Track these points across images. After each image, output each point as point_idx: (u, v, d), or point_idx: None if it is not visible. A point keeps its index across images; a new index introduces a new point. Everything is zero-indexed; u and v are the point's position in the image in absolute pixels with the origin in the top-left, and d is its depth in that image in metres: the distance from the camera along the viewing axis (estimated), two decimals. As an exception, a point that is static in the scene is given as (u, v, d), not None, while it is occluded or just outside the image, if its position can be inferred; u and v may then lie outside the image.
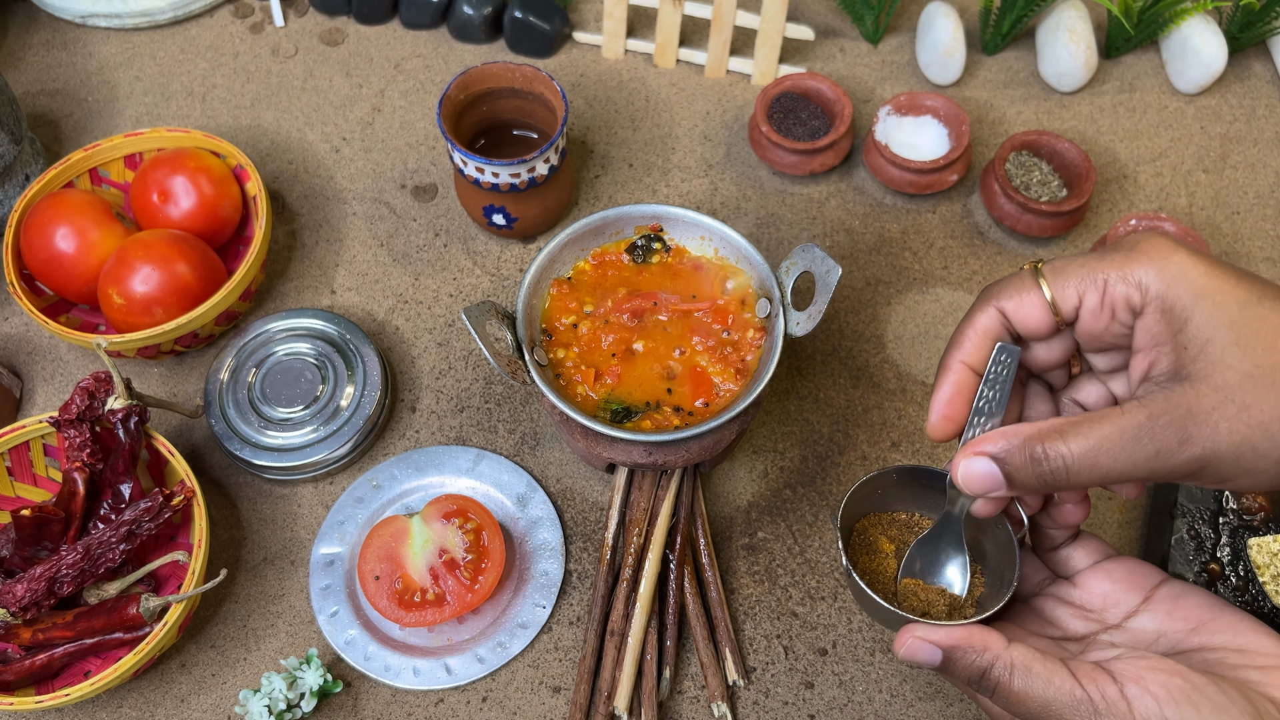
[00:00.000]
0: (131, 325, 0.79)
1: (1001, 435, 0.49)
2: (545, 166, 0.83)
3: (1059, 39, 0.96)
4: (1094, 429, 0.46)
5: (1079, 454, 0.46)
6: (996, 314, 0.51)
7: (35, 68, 1.03)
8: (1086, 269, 0.48)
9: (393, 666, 0.72)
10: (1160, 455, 0.45)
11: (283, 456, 0.77)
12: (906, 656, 0.51)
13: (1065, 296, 0.49)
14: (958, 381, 0.52)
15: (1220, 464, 0.45)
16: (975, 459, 0.49)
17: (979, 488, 0.49)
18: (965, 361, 0.52)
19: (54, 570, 0.67)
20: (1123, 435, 0.45)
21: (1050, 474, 0.47)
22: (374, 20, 1.05)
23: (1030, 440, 0.47)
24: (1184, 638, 0.50)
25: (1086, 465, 0.46)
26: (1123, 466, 0.46)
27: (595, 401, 0.71)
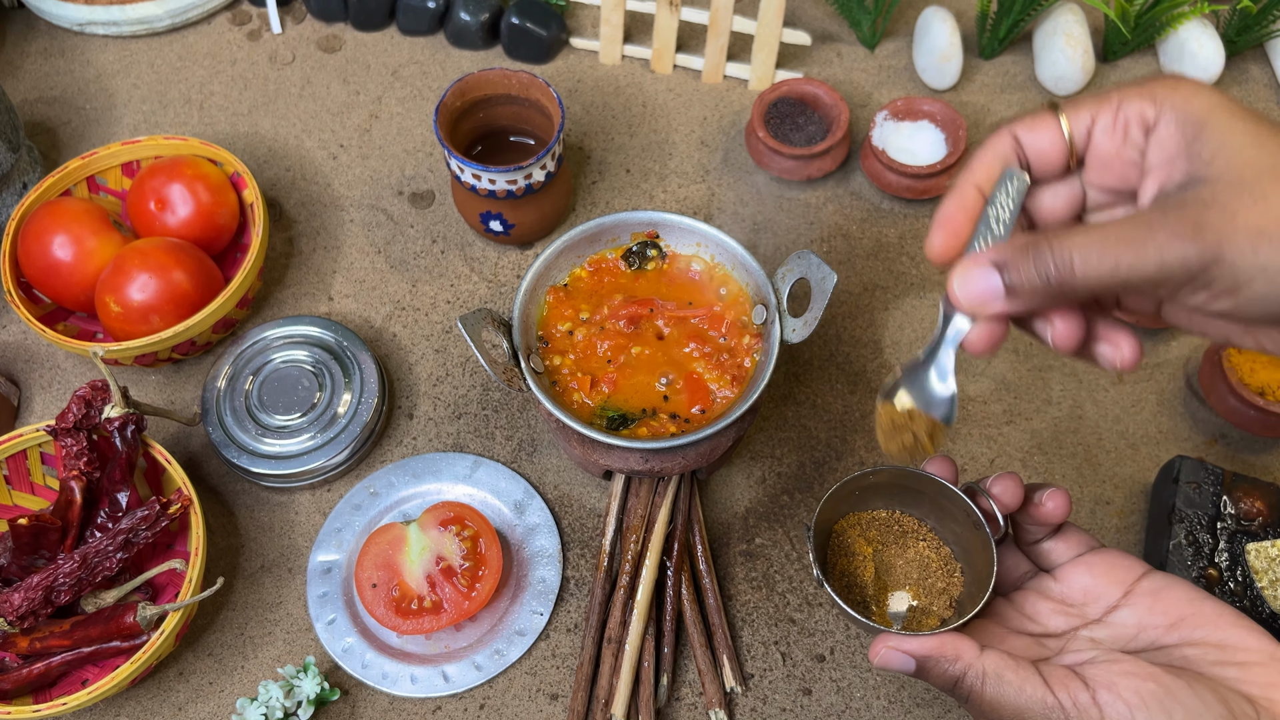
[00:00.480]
0: (129, 333, 0.79)
1: (999, 245, 0.47)
2: (542, 173, 0.83)
3: (1056, 43, 0.96)
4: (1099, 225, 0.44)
5: (1084, 244, 0.44)
6: (1010, 139, 0.49)
7: (33, 76, 1.03)
8: (1100, 96, 0.48)
9: (390, 674, 0.72)
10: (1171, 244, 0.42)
11: (280, 464, 0.77)
12: (881, 665, 0.51)
13: (1079, 120, 0.48)
14: (962, 200, 0.50)
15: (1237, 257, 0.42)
16: (974, 267, 0.47)
17: (975, 298, 0.47)
18: (974, 183, 0.50)
19: (51, 579, 0.68)
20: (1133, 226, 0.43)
21: (1054, 271, 0.44)
22: (371, 27, 1.05)
23: (1034, 240, 0.45)
24: (1164, 633, 0.50)
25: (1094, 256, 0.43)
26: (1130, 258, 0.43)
27: (591, 409, 0.71)
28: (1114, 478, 0.79)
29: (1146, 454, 0.80)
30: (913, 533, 0.59)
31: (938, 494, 0.56)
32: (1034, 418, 0.82)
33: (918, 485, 0.57)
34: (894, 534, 0.59)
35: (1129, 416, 0.82)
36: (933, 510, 0.58)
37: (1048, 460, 0.80)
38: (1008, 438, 0.81)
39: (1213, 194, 0.43)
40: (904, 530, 0.59)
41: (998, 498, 0.53)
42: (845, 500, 0.59)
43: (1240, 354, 0.78)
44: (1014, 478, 0.53)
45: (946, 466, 0.56)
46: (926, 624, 0.56)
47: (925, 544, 0.58)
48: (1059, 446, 0.80)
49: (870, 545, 0.59)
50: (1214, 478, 0.73)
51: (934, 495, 0.57)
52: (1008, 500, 0.53)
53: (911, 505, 0.59)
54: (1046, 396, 0.82)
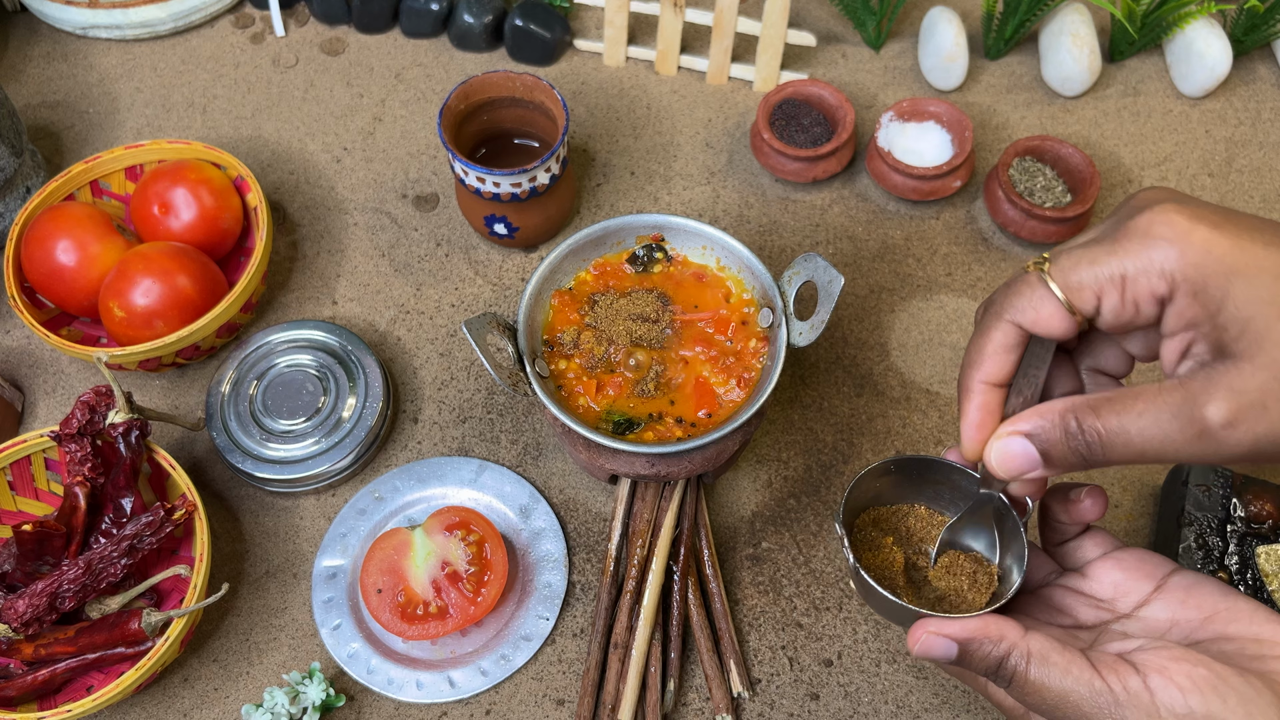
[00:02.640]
0: (132, 338, 0.79)
1: (1035, 413, 0.47)
2: (546, 176, 0.82)
3: (1062, 43, 0.95)
4: (1130, 404, 0.44)
5: (1114, 429, 0.44)
6: (1012, 328, 0.49)
7: (36, 80, 1.03)
8: (1099, 265, 0.45)
9: (396, 680, 0.72)
10: (1206, 435, 0.42)
11: (284, 469, 0.77)
12: (921, 652, 0.50)
13: (1083, 300, 0.46)
14: (984, 403, 0.50)
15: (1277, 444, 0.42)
16: (1010, 439, 0.47)
17: (1015, 469, 0.48)
18: (986, 381, 0.50)
19: (56, 585, 0.67)
20: (1159, 413, 0.43)
21: (1086, 449, 0.45)
22: (375, 29, 1.04)
23: (1065, 414, 0.46)
24: (1198, 627, 0.49)
25: (1121, 442, 0.44)
26: (1158, 446, 0.44)
27: (597, 413, 0.71)
28: (1122, 480, 0.79)
29: (1155, 456, 0.80)
30: (936, 525, 0.59)
31: (960, 482, 0.56)
32: (1042, 420, 0.81)
33: (937, 475, 0.57)
34: (913, 523, 0.59)
35: (1137, 419, 0.81)
36: (954, 500, 0.58)
37: (1056, 463, 0.79)
38: (1015, 440, 0.80)
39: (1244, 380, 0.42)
40: (927, 524, 0.59)
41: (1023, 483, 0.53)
42: (865, 495, 0.58)
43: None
44: None
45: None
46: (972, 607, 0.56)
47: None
48: (1067, 449, 0.80)
49: (892, 536, 0.59)
50: (1223, 480, 0.73)
51: (955, 483, 0.57)
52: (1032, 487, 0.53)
53: (932, 498, 0.59)
54: (1054, 399, 0.82)
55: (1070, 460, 0.46)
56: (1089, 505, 0.52)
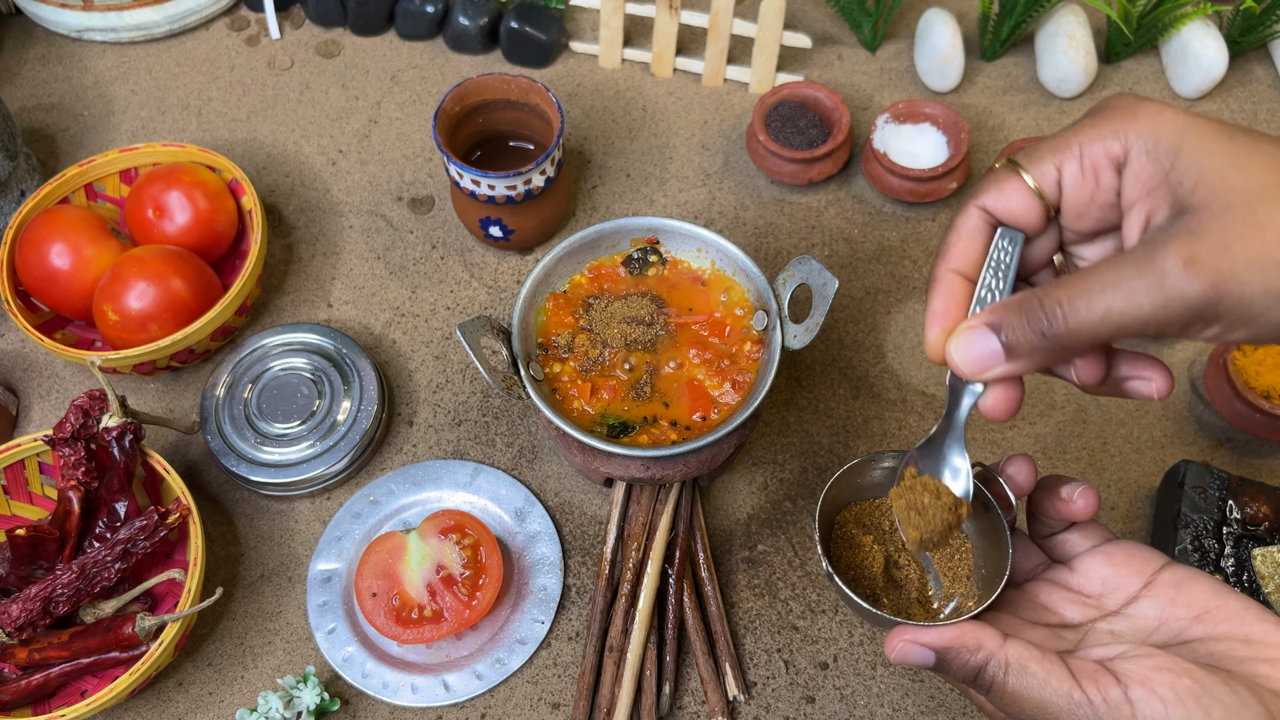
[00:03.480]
0: (127, 341, 0.79)
1: (997, 305, 0.45)
2: (542, 178, 0.82)
3: (1058, 44, 0.95)
4: (1088, 273, 0.42)
5: (1074, 294, 0.42)
6: (979, 213, 0.48)
7: (31, 83, 1.03)
8: (1059, 142, 0.45)
9: (391, 684, 0.71)
10: (1167, 286, 0.40)
11: (279, 472, 0.77)
12: (899, 660, 0.49)
13: (1044, 175, 0.46)
14: (949, 291, 0.48)
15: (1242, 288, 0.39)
16: (970, 331, 0.45)
17: (976, 363, 0.45)
18: (954, 269, 0.49)
19: (49, 590, 0.67)
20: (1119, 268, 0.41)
21: (1049, 328, 0.43)
22: (370, 32, 1.04)
23: (1027, 299, 0.44)
24: (1187, 626, 0.48)
25: (1084, 305, 0.42)
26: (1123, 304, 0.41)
27: (592, 416, 0.71)
28: (1119, 482, 0.79)
29: (1151, 458, 0.80)
30: None
31: None
32: (1038, 422, 0.81)
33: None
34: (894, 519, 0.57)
35: (1133, 420, 0.81)
36: None
37: (1052, 464, 0.79)
38: (1011, 442, 0.80)
39: (1201, 225, 0.40)
40: None
41: (1011, 478, 0.52)
42: (846, 491, 0.57)
43: (1245, 357, 0.77)
44: (1028, 460, 0.52)
45: None
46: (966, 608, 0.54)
47: None
48: (1063, 451, 0.80)
49: (872, 534, 0.57)
50: (1219, 482, 0.73)
51: None
52: (1021, 481, 0.52)
53: None
54: (1050, 400, 0.82)
55: (1035, 343, 0.44)
56: (1082, 506, 0.51)
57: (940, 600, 0.56)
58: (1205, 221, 0.40)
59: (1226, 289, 0.40)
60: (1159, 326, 0.41)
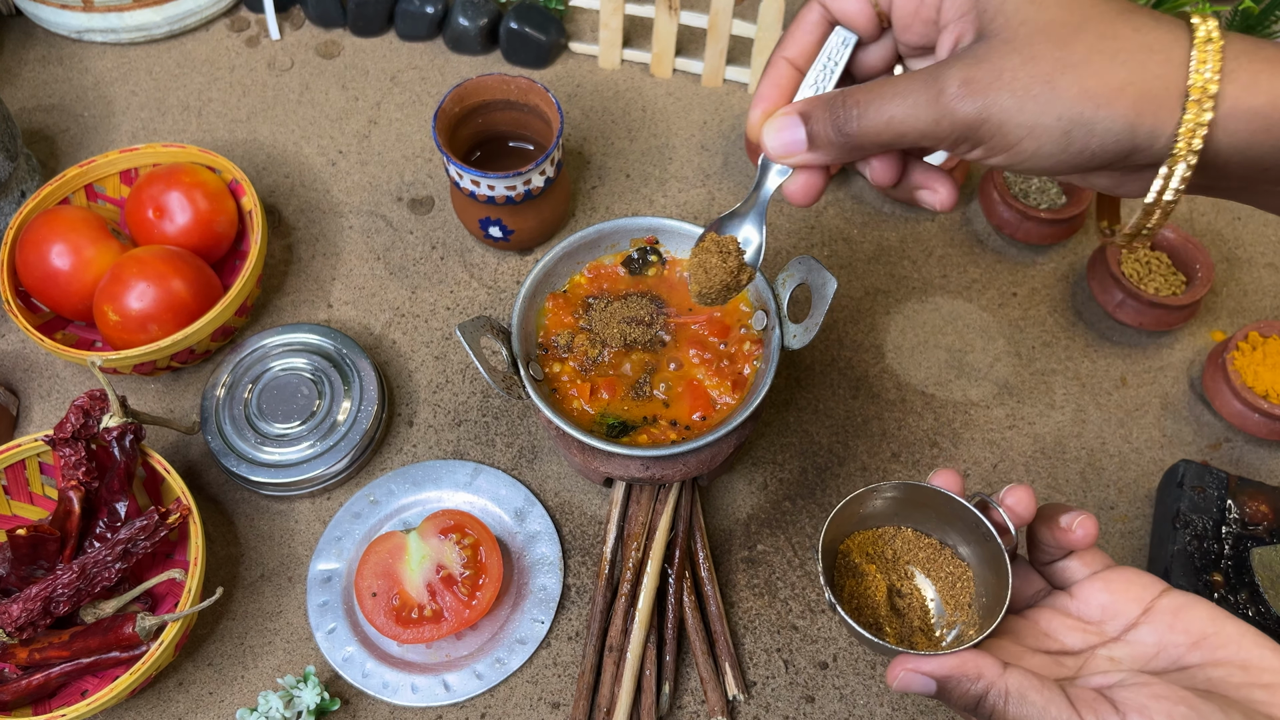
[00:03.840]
0: (127, 342, 0.79)
1: (811, 98, 0.49)
2: (541, 179, 0.82)
3: (1057, 45, 0.95)
4: (888, 82, 0.46)
5: (867, 97, 0.46)
6: (820, 10, 0.51)
7: (31, 84, 1.03)
8: None
9: (391, 683, 0.71)
10: (941, 99, 0.44)
11: (279, 472, 0.77)
12: (900, 688, 0.50)
13: None
14: (776, 78, 0.52)
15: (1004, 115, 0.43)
16: (781, 116, 0.49)
17: (783, 148, 0.49)
18: (787, 57, 0.52)
19: (50, 590, 0.67)
20: (910, 80, 0.45)
21: (843, 120, 0.47)
22: (370, 32, 1.04)
23: (835, 96, 0.48)
24: (1185, 652, 0.48)
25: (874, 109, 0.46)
26: (905, 111, 0.45)
27: (592, 416, 0.71)
28: (1118, 482, 0.79)
29: (1150, 458, 0.80)
30: (923, 548, 0.58)
31: (944, 507, 0.55)
32: (1037, 422, 0.81)
33: (923, 499, 0.56)
34: (903, 551, 0.58)
35: (1132, 420, 0.81)
36: (940, 524, 0.57)
37: (1051, 465, 0.79)
38: (1010, 442, 0.80)
39: (986, 52, 0.43)
40: (913, 546, 0.58)
41: (1010, 509, 0.52)
42: (849, 520, 0.58)
43: (1244, 357, 0.77)
44: (1027, 489, 0.53)
45: (952, 479, 0.55)
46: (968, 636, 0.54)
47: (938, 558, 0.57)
48: (1062, 451, 0.80)
49: (875, 563, 0.58)
50: (1218, 482, 0.73)
51: (940, 508, 0.56)
52: (1021, 511, 0.53)
53: (919, 521, 0.58)
54: (1049, 401, 0.82)
55: (832, 138, 0.48)
56: (1080, 536, 0.52)
57: (943, 628, 0.56)
58: (991, 49, 0.43)
59: (989, 114, 0.43)
60: (933, 139, 0.45)
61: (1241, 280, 0.88)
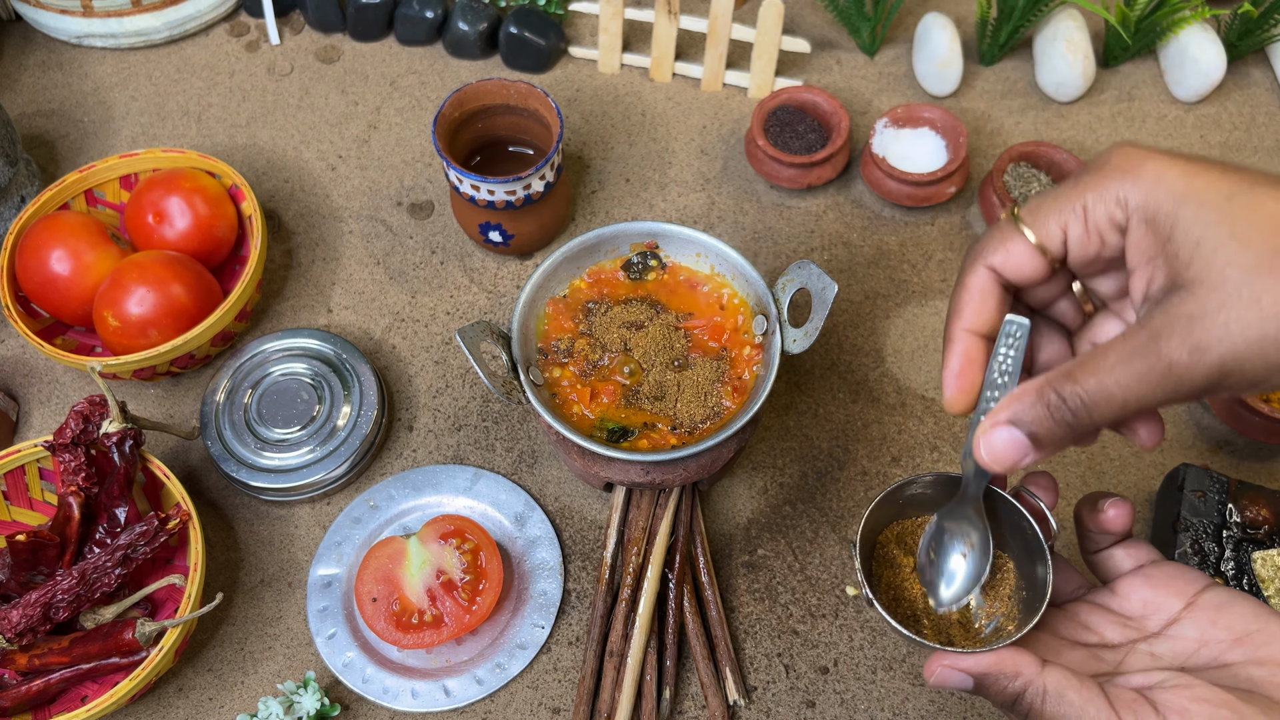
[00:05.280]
0: (127, 347, 0.79)
1: (1011, 399, 0.47)
2: (541, 183, 0.82)
3: (1056, 49, 0.96)
4: (1100, 361, 0.44)
5: (1093, 389, 0.44)
6: (986, 272, 0.49)
7: (31, 89, 1.03)
8: (1063, 199, 0.46)
9: (391, 689, 0.71)
10: (1174, 371, 0.42)
11: (279, 478, 0.77)
12: (937, 683, 0.49)
13: (1049, 234, 0.47)
14: (965, 351, 0.50)
15: (1244, 365, 0.41)
16: (994, 430, 0.47)
17: (1009, 458, 0.47)
18: (968, 329, 0.50)
19: (50, 595, 0.67)
20: (1130, 361, 0.43)
21: (1072, 418, 0.45)
22: (369, 37, 1.04)
23: (1042, 390, 0.45)
24: (1227, 649, 0.48)
25: (1103, 399, 0.43)
26: (1139, 392, 0.43)
27: (592, 421, 0.71)
28: (1118, 486, 0.79)
29: (1151, 462, 0.80)
30: None
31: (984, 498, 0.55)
32: (1037, 426, 0.81)
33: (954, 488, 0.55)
34: None
35: (1133, 424, 0.81)
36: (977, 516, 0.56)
37: (1051, 468, 0.79)
38: (1011, 446, 0.80)
39: (1201, 307, 0.41)
40: None
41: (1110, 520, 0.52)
42: (887, 511, 0.57)
43: (1244, 361, 0.77)
44: (1048, 477, 0.53)
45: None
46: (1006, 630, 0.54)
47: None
48: (1062, 455, 0.80)
49: (912, 555, 0.57)
50: (1219, 485, 0.73)
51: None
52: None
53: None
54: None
55: (1060, 434, 0.45)
56: (1113, 515, 0.51)
57: (981, 620, 0.55)
58: (1203, 301, 0.41)
59: (1229, 367, 0.41)
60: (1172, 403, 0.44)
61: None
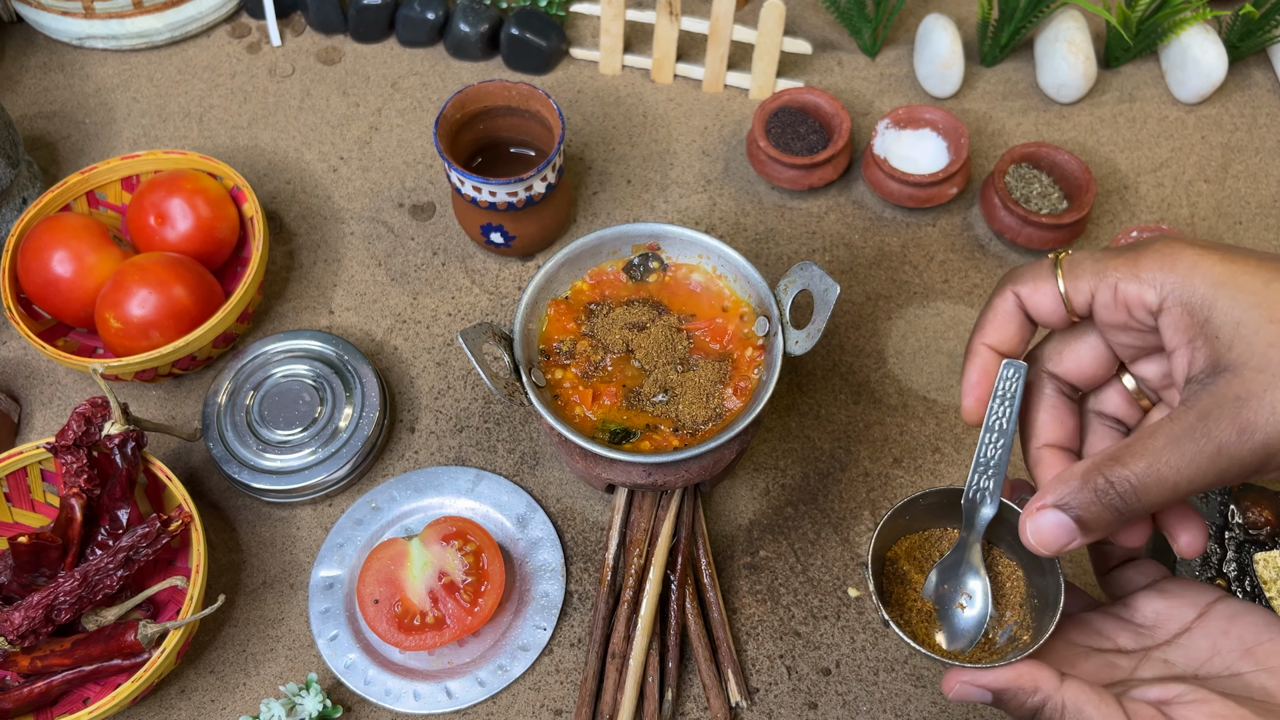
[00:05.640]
0: (129, 349, 0.79)
1: (1058, 482, 0.47)
2: (543, 184, 0.82)
3: (1058, 50, 0.96)
4: (1148, 443, 0.44)
5: (1142, 473, 0.44)
6: (1013, 298, 0.51)
7: (32, 90, 1.03)
8: (1099, 265, 0.48)
9: (393, 690, 0.71)
10: (1223, 453, 0.43)
11: (281, 479, 0.77)
12: (957, 698, 0.50)
13: (1078, 290, 0.49)
14: (983, 364, 0.52)
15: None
16: (1040, 514, 0.47)
17: (1056, 543, 0.47)
18: (987, 344, 0.52)
19: (52, 597, 0.67)
20: (1179, 444, 0.43)
21: (1121, 503, 0.45)
22: (371, 39, 1.04)
23: (1089, 474, 0.46)
24: (1238, 659, 0.48)
25: (1153, 483, 0.44)
26: (1189, 475, 0.44)
27: (594, 422, 0.71)
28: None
29: (1153, 463, 0.79)
30: None
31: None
32: (1039, 427, 0.81)
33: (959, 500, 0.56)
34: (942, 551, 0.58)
35: (1135, 425, 0.81)
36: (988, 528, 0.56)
37: (1053, 470, 0.79)
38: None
39: (1244, 387, 0.42)
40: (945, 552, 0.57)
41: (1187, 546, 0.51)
42: (896, 528, 0.57)
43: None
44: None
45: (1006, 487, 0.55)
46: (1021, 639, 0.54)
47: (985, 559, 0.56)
48: (1064, 456, 0.80)
49: (923, 569, 0.57)
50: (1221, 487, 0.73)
51: None
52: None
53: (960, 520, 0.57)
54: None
55: (1109, 519, 0.46)
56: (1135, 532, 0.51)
57: (994, 629, 0.55)
58: (1249, 383, 0.42)
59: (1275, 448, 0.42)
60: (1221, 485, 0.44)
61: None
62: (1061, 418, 0.52)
